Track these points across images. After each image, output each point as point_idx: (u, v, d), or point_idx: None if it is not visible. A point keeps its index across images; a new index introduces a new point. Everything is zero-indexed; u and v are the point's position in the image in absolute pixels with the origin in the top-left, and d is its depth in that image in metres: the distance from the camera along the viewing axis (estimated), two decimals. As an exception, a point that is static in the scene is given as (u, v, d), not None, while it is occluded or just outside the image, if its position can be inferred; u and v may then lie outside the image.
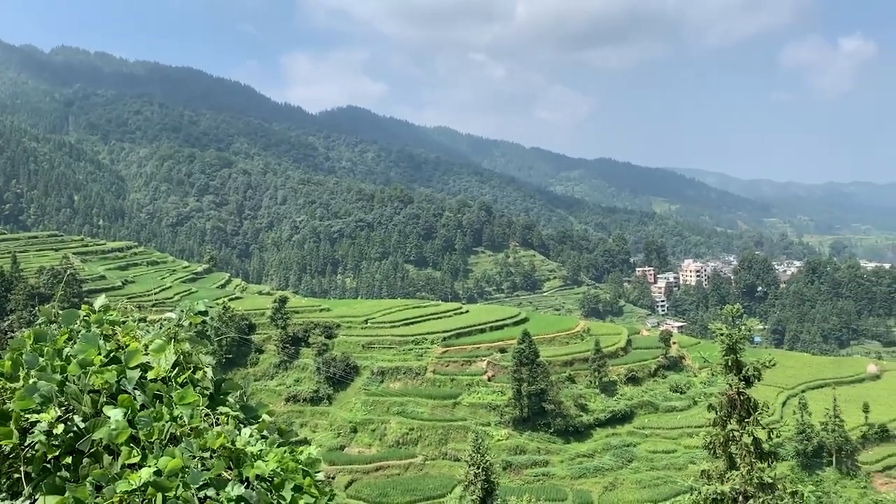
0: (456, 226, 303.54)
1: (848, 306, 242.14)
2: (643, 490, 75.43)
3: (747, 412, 17.27)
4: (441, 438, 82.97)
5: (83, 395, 3.35)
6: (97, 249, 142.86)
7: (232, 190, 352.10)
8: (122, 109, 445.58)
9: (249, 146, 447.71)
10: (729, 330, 17.72)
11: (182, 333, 4.20)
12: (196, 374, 3.98)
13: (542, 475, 78.25)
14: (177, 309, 4.41)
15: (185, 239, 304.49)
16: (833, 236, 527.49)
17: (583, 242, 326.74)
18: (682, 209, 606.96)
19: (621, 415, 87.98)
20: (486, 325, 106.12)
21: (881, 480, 77.32)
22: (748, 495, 16.82)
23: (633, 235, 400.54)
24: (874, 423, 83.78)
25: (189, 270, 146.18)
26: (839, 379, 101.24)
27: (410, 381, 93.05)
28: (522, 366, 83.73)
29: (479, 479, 27.12)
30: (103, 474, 3.07)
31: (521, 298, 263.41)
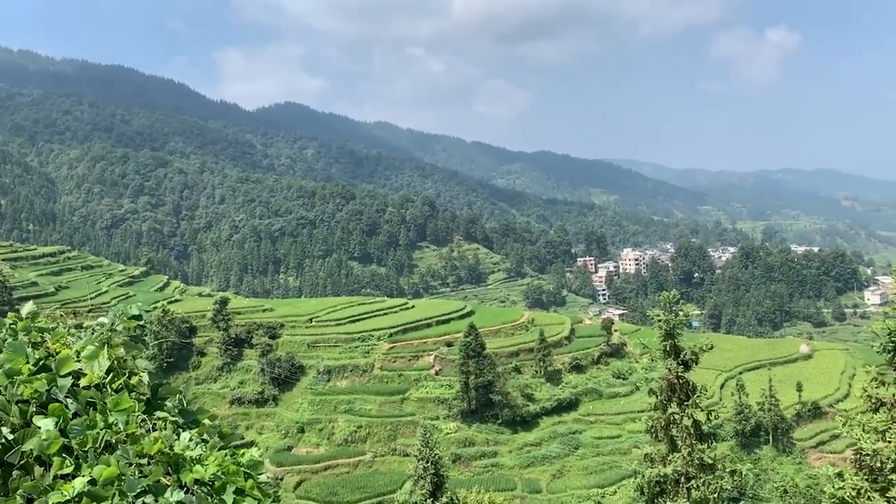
0: (399, 221, 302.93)
1: (780, 289, 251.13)
2: (590, 476, 76.90)
3: (686, 395, 17.76)
4: (390, 434, 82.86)
5: (11, 406, 3.25)
6: (27, 255, 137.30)
7: (168, 190, 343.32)
8: (51, 109, 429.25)
9: (185, 145, 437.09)
10: (667, 316, 18.17)
11: (116, 338, 4.11)
12: (132, 379, 3.90)
13: (491, 466, 79.03)
14: (110, 313, 4.30)
15: (120, 242, 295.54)
16: (765, 222, 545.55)
17: (525, 234, 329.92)
18: (620, 199, 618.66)
19: (567, 403, 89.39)
20: (433, 320, 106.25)
21: (815, 456, 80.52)
22: (690, 476, 17.30)
23: (573, 226, 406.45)
24: (807, 401, 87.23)
25: (126, 274, 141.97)
26: (774, 360, 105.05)
27: (357, 379, 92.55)
28: (469, 359, 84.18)
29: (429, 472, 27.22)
30: (34, 486, 2.98)
31: (466, 292, 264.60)
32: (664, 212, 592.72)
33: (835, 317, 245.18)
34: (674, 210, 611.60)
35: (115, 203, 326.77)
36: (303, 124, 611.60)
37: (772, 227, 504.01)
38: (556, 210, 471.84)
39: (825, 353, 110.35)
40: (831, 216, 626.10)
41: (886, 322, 15.10)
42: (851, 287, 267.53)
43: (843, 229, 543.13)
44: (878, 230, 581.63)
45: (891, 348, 14.86)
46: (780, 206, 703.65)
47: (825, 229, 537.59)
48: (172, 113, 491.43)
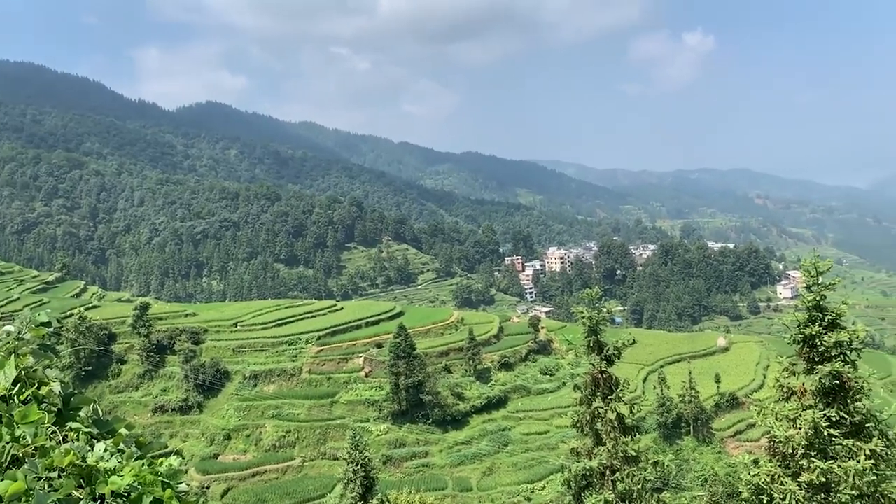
0: (327, 222, 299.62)
1: (698, 285, 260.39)
2: (519, 472, 77.92)
3: (610, 390, 18.18)
4: (319, 439, 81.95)
5: None
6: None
7: (84, 193, 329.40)
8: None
9: (101, 146, 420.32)
10: (590, 313, 18.55)
11: (24, 347, 3.93)
12: (41, 389, 3.73)
13: (422, 466, 79.12)
14: (16, 321, 4.11)
15: (33, 247, 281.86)
16: (683, 220, 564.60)
17: (454, 235, 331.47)
18: (546, 199, 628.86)
19: (496, 400, 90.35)
20: (362, 322, 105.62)
21: (733, 444, 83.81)
22: (615, 468, 17.71)
23: (501, 226, 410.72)
24: (725, 392, 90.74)
25: (39, 280, 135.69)
26: (693, 353, 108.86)
27: (285, 383, 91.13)
28: (399, 359, 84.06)
29: (359, 475, 27.02)
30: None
31: (396, 293, 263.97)
32: (588, 211, 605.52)
33: (750, 310, 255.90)
34: (597, 209, 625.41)
35: (27, 206, 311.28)
36: (225, 124, 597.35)
37: (690, 224, 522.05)
38: (484, 210, 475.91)
39: (741, 346, 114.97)
40: (745, 214, 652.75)
41: (796, 315, 15.80)
42: (765, 282, 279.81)
43: (756, 226, 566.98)
44: (788, 227, 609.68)
45: (800, 340, 15.56)
46: (698, 204, 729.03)
47: (739, 226, 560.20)
48: (88, 112, 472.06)
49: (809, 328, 15.19)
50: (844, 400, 14.93)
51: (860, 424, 14.92)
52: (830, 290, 15.46)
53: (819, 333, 15.05)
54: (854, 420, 14.87)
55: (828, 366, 14.79)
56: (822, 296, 15.29)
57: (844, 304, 15.56)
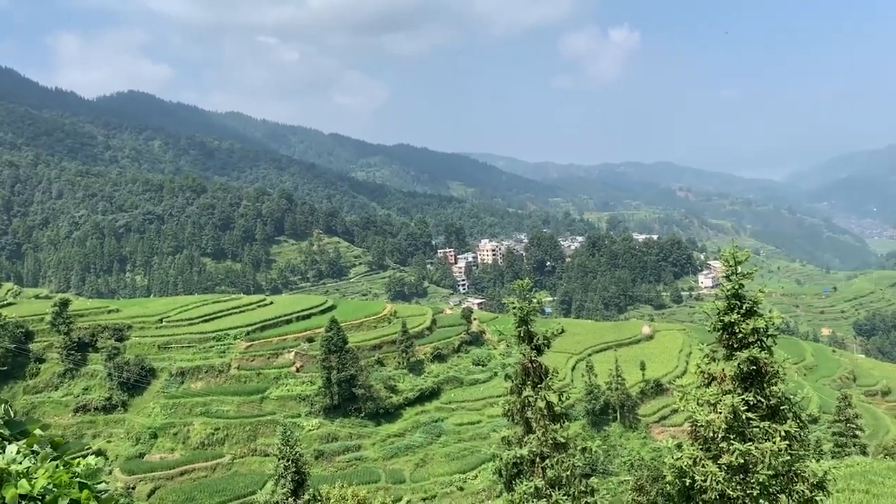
0: (255, 215, 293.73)
1: (624, 275, 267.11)
2: (452, 462, 78.52)
3: (540, 378, 18.46)
4: (249, 435, 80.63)
5: None
6: None
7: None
8: None
9: (15, 136, 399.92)
10: (521, 303, 18.76)
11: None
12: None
13: (354, 460, 78.83)
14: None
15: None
16: (609, 213, 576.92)
17: (386, 227, 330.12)
18: (478, 192, 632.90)
19: (429, 392, 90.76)
20: (293, 316, 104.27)
21: (658, 430, 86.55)
22: (544, 456, 17.99)
23: (433, 219, 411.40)
24: (650, 379, 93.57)
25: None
26: (619, 342, 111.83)
27: (214, 380, 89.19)
28: (331, 353, 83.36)
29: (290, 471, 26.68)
30: None
31: (327, 286, 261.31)
32: (518, 204, 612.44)
33: (673, 299, 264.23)
34: (527, 202, 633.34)
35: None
36: (148, 114, 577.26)
37: (616, 217, 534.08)
38: (416, 202, 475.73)
39: (665, 334, 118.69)
40: (668, 206, 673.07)
41: (716, 303, 16.32)
42: (687, 271, 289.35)
43: (678, 218, 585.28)
44: (709, 218, 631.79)
45: (720, 327, 16.08)
46: (623, 197, 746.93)
47: (663, 218, 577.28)
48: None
49: (728, 316, 15.75)
50: (761, 384, 15.55)
51: (776, 407, 15.57)
52: (748, 280, 16.06)
53: (737, 321, 15.62)
54: (770, 403, 15.51)
55: (746, 352, 15.37)
56: (741, 285, 15.87)
57: (761, 292, 16.18)
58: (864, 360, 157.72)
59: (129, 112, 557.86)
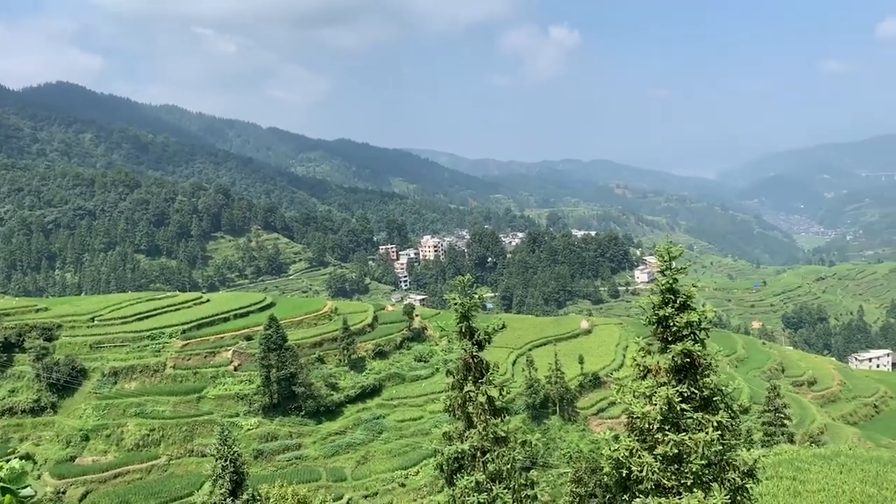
0: (191, 211, 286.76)
1: (563, 271, 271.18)
2: (394, 459, 78.44)
3: (481, 373, 18.56)
4: (186, 436, 78.87)
5: None
6: None
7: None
8: None
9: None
10: (462, 299, 18.81)
11: None
12: None
13: (294, 459, 77.99)
14: None
15: None
16: (549, 209, 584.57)
17: (327, 223, 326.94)
18: (420, 188, 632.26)
19: (371, 389, 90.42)
20: (230, 314, 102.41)
21: (596, 422, 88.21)
22: (485, 450, 18.11)
23: (375, 215, 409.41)
24: (588, 373, 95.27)
25: None
26: (559, 336, 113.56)
27: (148, 380, 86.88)
28: (270, 352, 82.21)
29: (228, 471, 26.22)
30: None
31: (266, 283, 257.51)
32: (460, 200, 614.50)
33: (610, 294, 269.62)
34: (469, 198, 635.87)
35: None
36: (78, 106, 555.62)
37: (555, 213, 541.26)
38: (358, 198, 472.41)
39: (603, 328, 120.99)
40: (606, 203, 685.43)
41: (651, 297, 16.68)
42: (624, 267, 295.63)
43: (615, 215, 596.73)
44: (645, 215, 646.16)
45: (655, 321, 16.44)
46: (563, 193, 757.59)
47: (601, 215, 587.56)
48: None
49: (663, 310, 16.11)
50: (695, 376, 15.97)
51: (709, 398, 16.02)
52: (682, 274, 16.46)
53: (672, 315, 16.00)
54: (703, 394, 15.94)
55: (680, 345, 15.77)
56: (675, 279, 16.25)
57: (694, 286, 16.60)
58: (791, 351, 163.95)
59: (58, 104, 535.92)
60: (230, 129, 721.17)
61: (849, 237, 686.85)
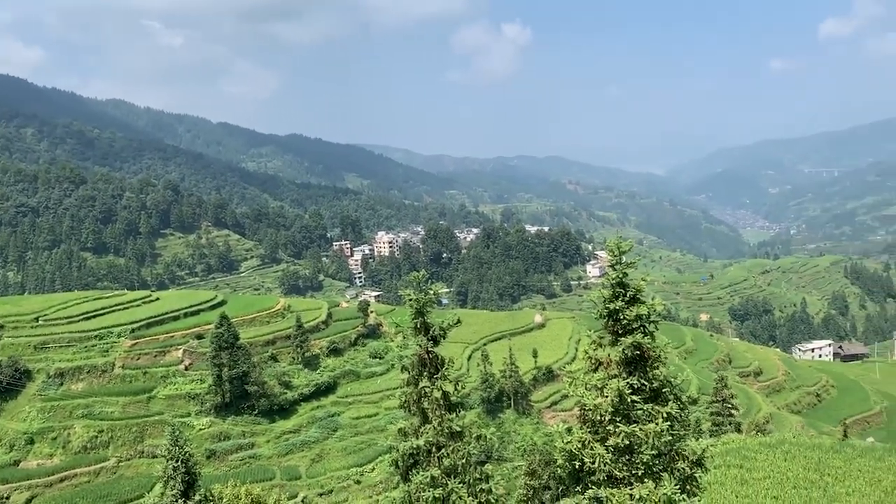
0: (139, 207, 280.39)
1: (517, 266, 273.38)
2: (349, 456, 78.16)
3: (436, 369, 18.63)
4: (136, 437, 77.27)
5: None
6: None
7: None
8: None
9: None
10: (417, 295, 18.84)
11: None
12: None
13: (248, 458, 77.08)
14: None
15: None
16: (503, 205, 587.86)
17: (279, 220, 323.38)
18: (374, 184, 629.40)
19: (325, 386, 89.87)
20: (180, 312, 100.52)
21: (550, 415, 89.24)
22: (440, 445, 18.19)
23: (328, 211, 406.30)
24: (542, 366, 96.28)
25: None
26: (513, 330, 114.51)
27: (96, 380, 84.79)
28: (222, 350, 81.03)
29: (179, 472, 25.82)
30: None
31: (217, 281, 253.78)
32: (415, 196, 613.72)
33: (563, 288, 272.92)
34: (423, 194, 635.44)
35: None
36: (19, 100, 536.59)
37: (510, 209, 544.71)
38: (311, 194, 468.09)
39: (556, 322, 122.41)
40: (559, 199, 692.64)
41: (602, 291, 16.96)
42: (576, 261, 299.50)
43: (568, 210, 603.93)
44: (596, 210, 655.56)
45: (606, 314, 16.73)
46: (516, 189, 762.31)
47: (554, 210, 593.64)
48: None
49: (614, 303, 16.41)
50: (644, 368, 16.31)
51: (658, 390, 16.38)
52: (632, 268, 16.78)
53: (622, 308, 16.31)
54: (653, 386, 16.29)
55: (630, 337, 16.08)
56: (625, 273, 16.56)
57: (644, 280, 16.94)
58: (738, 343, 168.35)
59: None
60: (179, 124, 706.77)
61: (792, 231, 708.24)
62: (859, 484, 34.08)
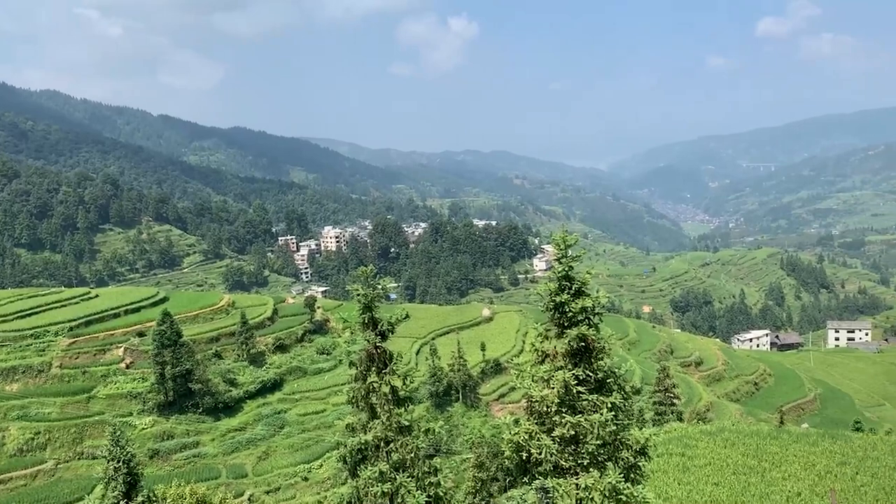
0: (77, 202, 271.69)
1: (465, 260, 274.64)
2: (296, 453, 77.45)
3: (384, 364, 18.63)
4: (75, 438, 75.04)
5: None
6: None
7: None
8: None
9: None
10: (365, 290, 18.80)
11: None
12: None
13: (192, 457, 75.67)
14: None
15: None
16: (451, 199, 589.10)
17: (223, 214, 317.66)
18: (320, 178, 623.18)
19: (271, 383, 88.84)
20: (121, 309, 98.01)
21: (497, 407, 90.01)
22: (389, 440, 18.22)
23: (273, 205, 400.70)
24: (490, 359, 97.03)
25: None
26: (461, 324, 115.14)
27: (32, 381, 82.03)
28: (164, 348, 79.34)
29: (121, 473, 25.22)
30: None
31: (159, 277, 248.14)
32: (362, 190, 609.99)
33: (510, 282, 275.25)
34: (371, 189, 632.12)
35: None
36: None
37: (457, 203, 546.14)
38: (255, 188, 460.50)
39: (503, 315, 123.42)
40: (506, 193, 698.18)
41: (548, 284, 17.20)
42: (523, 255, 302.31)
43: (515, 205, 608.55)
44: (542, 205, 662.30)
45: (552, 307, 16.97)
46: (464, 184, 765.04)
47: (501, 205, 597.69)
48: None
49: (559, 296, 16.66)
50: (589, 359, 16.61)
51: (603, 380, 16.71)
52: (577, 262, 17.06)
53: (567, 301, 16.57)
54: (598, 377, 16.61)
55: (575, 329, 16.36)
56: (570, 267, 16.83)
57: (589, 273, 17.24)
58: (679, 334, 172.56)
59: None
60: (119, 117, 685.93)
61: (731, 224, 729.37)
62: (795, 468, 35.42)
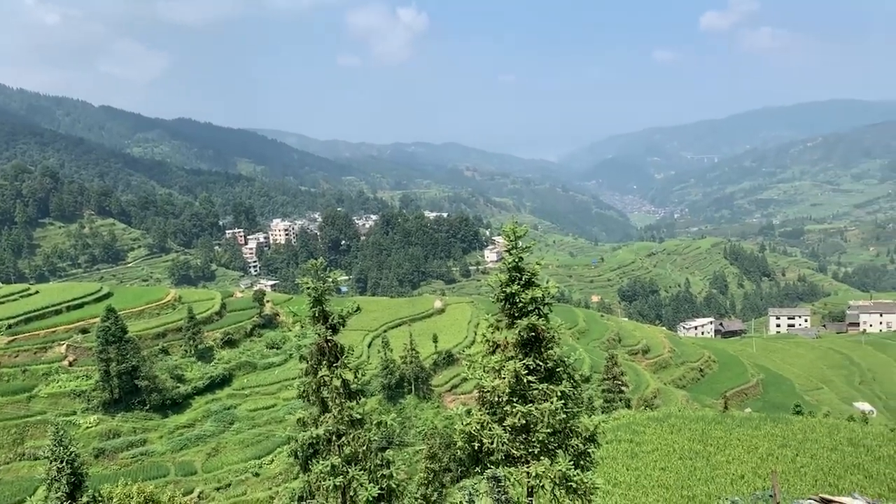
0: (14, 195, 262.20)
1: (417, 252, 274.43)
2: (246, 449, 76.57)
3: (336, 357, 18.54)
4: (16, 438, 72.74)
5: None
6: None
7: None
8: None
9: None
10: (315, 283, 18.67)
11: None
12: None
13: (140, 455, 74.17)
14: None
15: None
16: (402, 191, 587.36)
17: (168, 207, 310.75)
18: (268, 170, 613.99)
19: (220, 379, 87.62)
20: (62, 306, 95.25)
21: (450, 398, 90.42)
22: (341, 433, 18.15)
23: (220, 198, 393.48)
24: (442, 351, 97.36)
25: None
26: (413, 316, 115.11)
27: (-32, 381, 79.05)
28: (109, 345, 77.43)
29: (64, 473, 24.52)
30: None
31: (102, 272, 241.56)
32: (311, 182, 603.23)
33: (462, 274, 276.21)
34: (320, 181, 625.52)
35: None
36: None
37: (408, 195, 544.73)
38: (201, 181, 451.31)
39: (455, 307, 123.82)
40: (457, 185, 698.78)
41: (499, 276, 17.34)
42: (474, 247, 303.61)
43: (466, 196, 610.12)
44: (493, 197, 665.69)
45: (503, 298, 17.13)
46: (415, 176, 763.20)
47: (452, 197, 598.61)
48: None
49: (510, 287, 16.83)
50: (539, 349, 16.84)
51: (553, 369, 16.96)
52: (527, 253, 17.25)
53: (518, 291, 16.76)
54: (548, 366, 16.85)
55: (525, 320, 16.56)
56: (520, 258, 17.01)
57: (538, 264, 17.46)
58: (627, 322, 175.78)
59: None
60: (58, 108, 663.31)
61: (676, 215, 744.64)
62: (738, 452, 36.51)
